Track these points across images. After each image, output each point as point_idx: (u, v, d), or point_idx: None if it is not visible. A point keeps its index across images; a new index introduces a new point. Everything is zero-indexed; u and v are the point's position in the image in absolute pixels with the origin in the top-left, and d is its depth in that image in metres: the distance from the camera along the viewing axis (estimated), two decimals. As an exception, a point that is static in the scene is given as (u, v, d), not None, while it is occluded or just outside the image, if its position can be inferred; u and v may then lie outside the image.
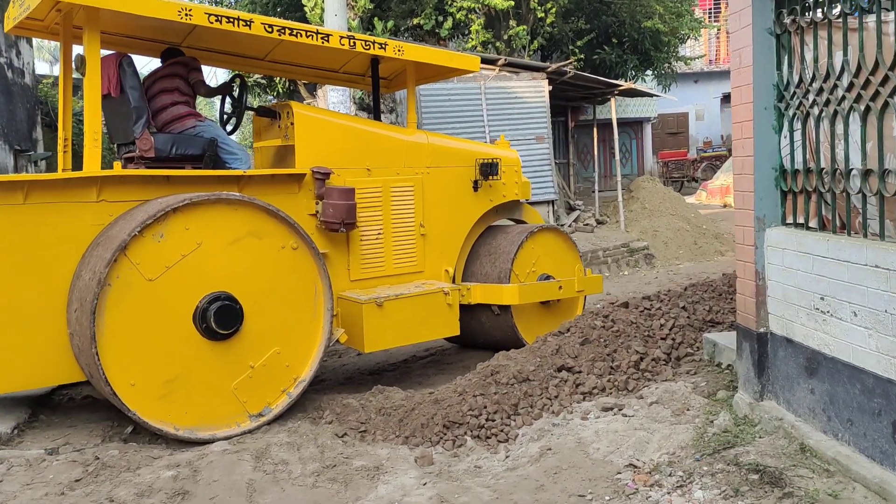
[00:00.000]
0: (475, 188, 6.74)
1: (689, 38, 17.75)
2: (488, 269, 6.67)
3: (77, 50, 5.64)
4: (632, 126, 24.66)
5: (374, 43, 5.96)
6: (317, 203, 5.70)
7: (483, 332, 6.83)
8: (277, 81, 14.44)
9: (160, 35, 6.06)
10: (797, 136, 3.64)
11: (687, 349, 5.61)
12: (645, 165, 25.23)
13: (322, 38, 5.68)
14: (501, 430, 4.61)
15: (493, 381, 5.00)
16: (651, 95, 15.24)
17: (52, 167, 12.67)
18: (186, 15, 4.98)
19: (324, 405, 5.18)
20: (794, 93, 3.61)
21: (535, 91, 12.31)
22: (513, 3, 12.31)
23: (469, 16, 12.40)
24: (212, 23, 5.09)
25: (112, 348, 4.46)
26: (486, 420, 4.68)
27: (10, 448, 4.47)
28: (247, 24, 5.24)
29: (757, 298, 3.87)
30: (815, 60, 3.44)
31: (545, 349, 5.37)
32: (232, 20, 5.18)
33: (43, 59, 36.71)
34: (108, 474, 4.09)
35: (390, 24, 10.44)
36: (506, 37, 12.97)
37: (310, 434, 4.69)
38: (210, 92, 6.21)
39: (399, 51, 6.12)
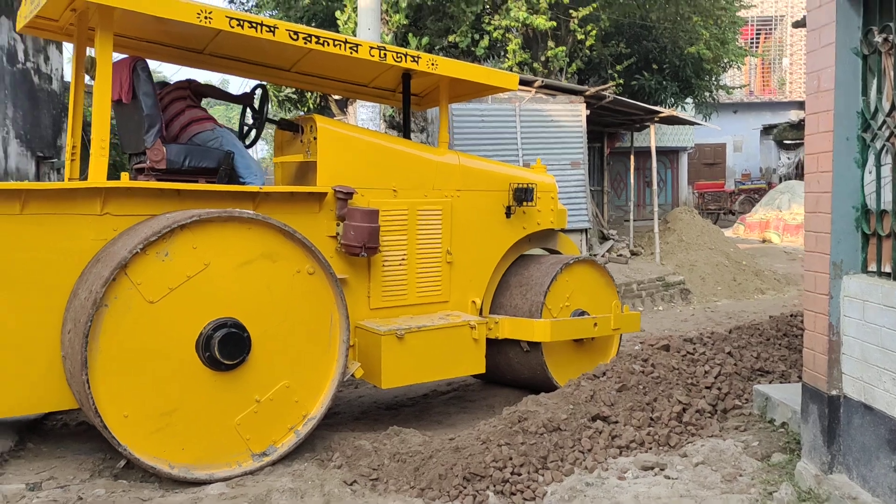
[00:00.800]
0: (508, 214, 6.26)
1: (731, 66, 17.25)
2: (518, 301, 6.18)
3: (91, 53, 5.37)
4: (667, 155, 24.12)
5: (406, 55, 5.55)
6: (338, 224, 5.27)
7: (510, 369, 6.36)
8: (308, 96, 14.19)
9: (182, 41, 5.72)
10: (885, 171, 3.16)
11: (734, 401, 5.11)
12: (680, 196, 24.65)
13: (351, 47, 5.26)
14: (528, 487, 4.13)
15: (520, 429, 4.53)
16: (693, 123, 14.75)
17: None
18: (206, 18, 4.60)
19: (334, 445, 4.74)
20: (884, 122, 3.14)
21: (571, 115, 11.89)
22: (554, 23, 11.92)
23: (506, 35, 12.03)
24: (233, 27, 4.70)
25: (105, 375, 4.05)
26: (512, 474, 4.20)
27: (-11, 481, 4.08)
28: (270, 31, 4.85)
29: (829, 356, 3.37)
30: (912, 85, 2.97)
31: (578, 395, 4.89)
32: (255, 25, 4.80)
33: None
34: (89, 518, 3.69)
35: (425, 40, 10.11)
36: (543, 58, 12.59)
37: (316, 479, 4.24)
38: (221, 94, 5.89)
39: (432, 65, 5.70)
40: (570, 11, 12.63)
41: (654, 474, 4.11)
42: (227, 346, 4.35)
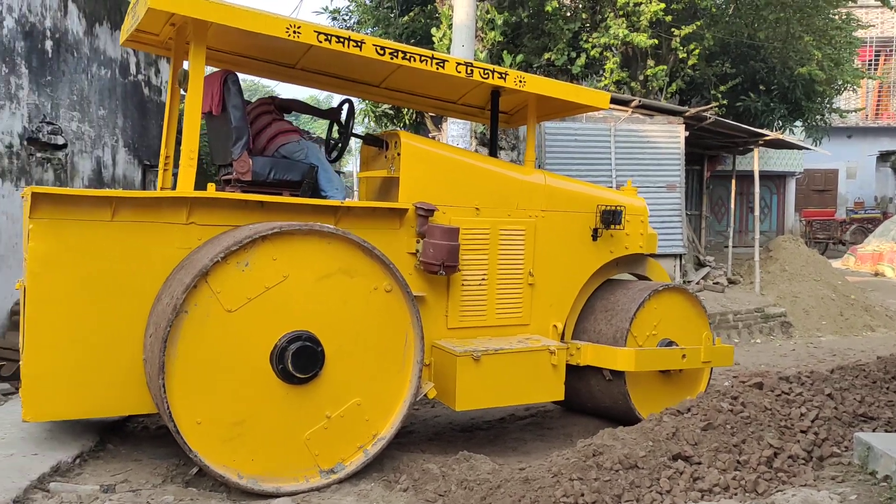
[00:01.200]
0: (594, 237, 6.05)
1: (846, 88, 16.34)
2: (603, 327, 5.95)
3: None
4: (773, 180, 23.08)
5: (493, 72, 5.47)
6: (417, 241, 5.23)
7: (591, 398, 6.13)
8: (404, 112, 14.30)
9: (275, 55, 5.83)
10: None
11: (833, 448, 4.72)
12: (785, 223, 23.52)
13: (437, 63, 5.23)
14: (599, 526, 3.92)
15: (594, 463, 4.31)
16: (800, 148, 14.03)
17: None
18: (295, 32, 4.65)
19: (402, 467, 4.66)
20: None
21: (669, 136, 11.50)
22: (655, 41, 11.60)
23: (604, 53, 11.79)
24: (321, 42, 4.74)
25: (181, 381, 4.12)
26: (583, 511, 3.99)
27: (67, 480, 4.20)
28: (357, 45, 4.87)
29: (940, 409, 3.03)
30: None
31: (659, 431, 4.62)
32: (342, 40, 4.82)
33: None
34: (155, 525, 3.72)
35: (519, 58, 10.02)
36: (642, 77, 12.26)
37: (381, 501, 4.19)
38: (307, 108, 5.96)
39: (520, 82, 5.58)
40: (673, 30, 12.26)
41: (737, 523, 3.82)
42: (300, 359, 4.35)
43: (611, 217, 6.00)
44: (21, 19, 7.55)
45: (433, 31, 10.37)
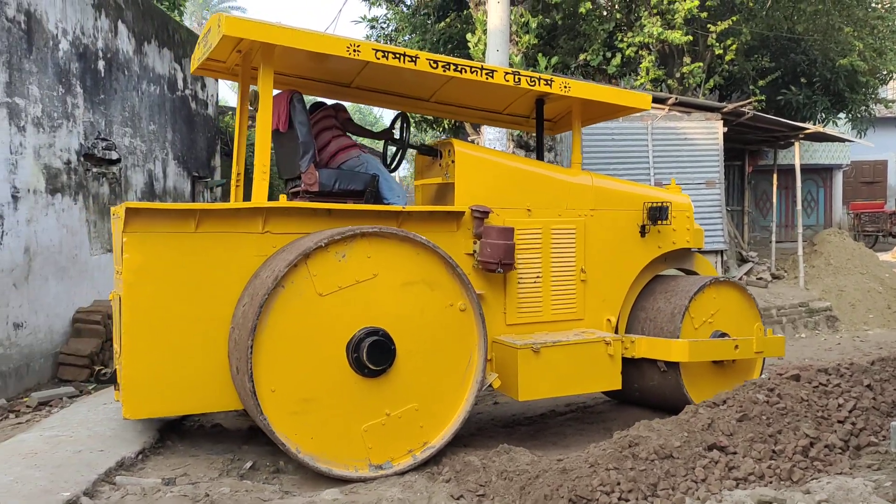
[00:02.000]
0: (642, 233, 6.27)
1: (891, 78, 16.05)
2: (661, 304, 6.16)
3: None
4: (819, 173, 22.74)
5: (539, 79, 5.72)
6: (474, 242, 5.51)
7: (646, 390, 6.29)
8: (444, 118, 14.54)
9: (332, 76, 6.16)
10: None
11: (870, 437, 4.77)
12: (833, 216, 23.14)
13: (486, 73, 5.52)
14: (635, 514, 4.04)
15: (630, 454, 4.43)
16: (842, 140, 13.85)
17: (226, 193, 13.39)
18: (355, 51, 4.96)
19: (444, 459, 4.84)
20: None
21: (707, 132, 11.49)
22: (691, 38, 11.60)
23: (640, 52, 11.82)
24: (378, 58, 5.05)
25: (267, 348, 4.43)
26: (619, 499, 4.12)
27: (131, 474, 4.48)
28: (412, 60, 5.18)
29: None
30: None
31: (695, 423, 4.73)
32: (398, 56, 5.13)
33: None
34: (213, 514, 3.96)
35: (554, 59, 10.13)
36: (678, 74, 12.25)
37: (424, 492, 4.36)
38: (360, 131, 6.22)
39: (565, 87, 5.82)
40: (709, 26, 12.24)
41: (771, 510, 3.91)
42: (375, 352, 4.64)
43: (658, 213, 6.20)
44: (75, 41, 7.95)
45: (468, 36, 10.54)
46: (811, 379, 5.38)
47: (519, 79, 5.61)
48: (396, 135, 6.28)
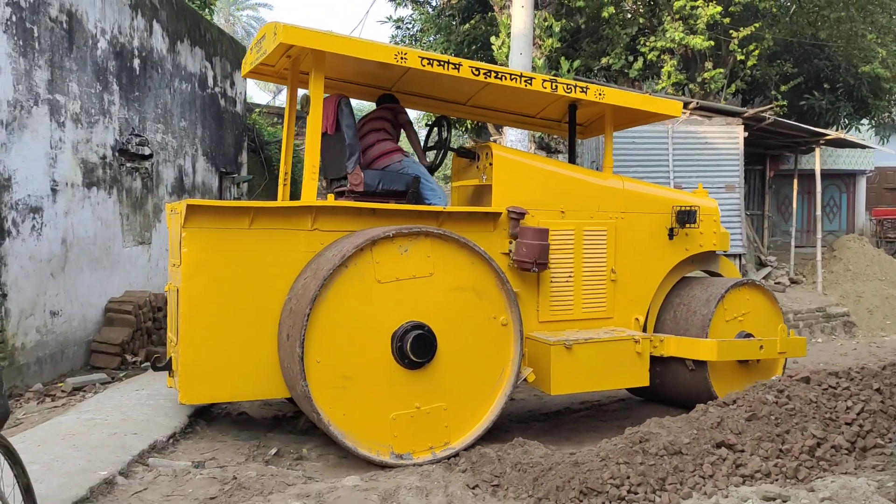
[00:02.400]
0: (670, 236, 6.53)
1: (916, 85, 15.98)
2: (684, 321, 6.37)
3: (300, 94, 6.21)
4: (843, 178, 22.57)
5: (575, 87, 5.98)
6: (510, 242, 5.75)
7: (674, 388, 6.50)
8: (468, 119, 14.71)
9: (374, 80, 6.43)
10: None
11: (877, 439, 4.89)
12: (856, 222, 22.96)
13: (525, 80, 5.77)
14: (643, 506, 4.21)
15: (640, 449, 4.59)
16: (863, 146, 13.85)
17: (252, 189, 13.66)
18: (402, 58, 5.23)
19: (461, 451, 5.03)
20: None
21: (727, 137, 11.58)
22: (712, 42, 11.69)
23: (662, 56, 11.92)
24: (424, 66, 5.31)
25: (320, 320, 4.70)
26: (628, 492, 4.29)
27: (163, 457, 4.71)
28: (455, 67, 5.44)
29: (960, 396, 3.24)
30: None
31: (704, 421, 4.88)
32: (442, 63, 5.40)
33: (268, 90, 40.18)
34: (241, 496, 4.17)
35: (577, 63, 10.26)
36: (700, 79, 12.34)
37: (441, 481, 4.54)
38: (416, 142, 6.42)
39: (600, 94, 6.08)
40: (731, 31, 12.31)
41: (774, 506, 4.05)
42: (417, 345, 4.87)
43: (686, 217, 6.46)
44: (113, 40, 8.22)
45: (492, 39, 10.70)
46: (821, 381, 5.50)
47: (556, 86, 5.86)
48: (433, 135, 6.54)
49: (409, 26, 17.32)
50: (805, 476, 4.44)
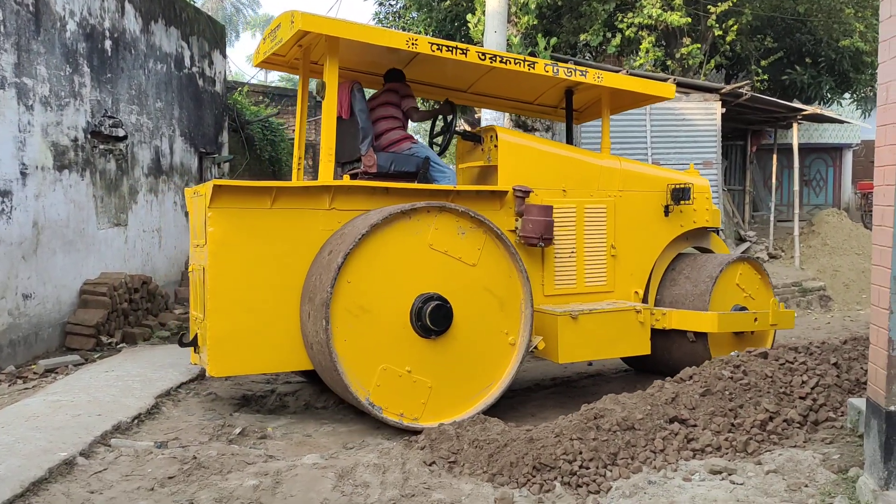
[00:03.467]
0: (666, 213, 6.82)
1: None
2: (685, 295, 6.65)
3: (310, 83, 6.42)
4: (829, 152, 22.58)
5: (574, 70, 6.24)
6: (516, 220, 5.98)
7: (673, 358, 6.74)
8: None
9: (379, 68, 6.55)
10: (948, 186, 3.09)
11: (829, 413, 4.98)
12: (842, 196, 23.03)
13: (528, 65, 5.99)
14: (594, 480, 4.29)
15: (594, 425, 4.68)
16: (840, 121, 13.87)
17: (234, 169, 13.65)
18: (413, 44, 5.43)
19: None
20: (947, 136, 3.07)
21: (705, 113, 11.60)
22: (689, 19, 11.66)
23: (640, 33, 11.90)
24: (434, 51, 5.51)
25: (355, 270, 4.97)
26: (580, 467, 4.38)
27: (126, 437, 4.78)
28: (463, 53, 5.64)
29: (889, 371, 3.33)
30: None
31: (659, 396, 4.97)
32: (451, 49, 5.59)
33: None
34: (200, 475, 4.25)
35: (554, 40, 10.24)
36: (678, 55, 12.32)
37: (399, 458, 4.62)
38: (423, 116, 6.59)
39: (598, 77, 6.35)
40: (709, 7, 12.28)
41: (721, 479, 4.15)
42: (436, 315, 5.15)
43: (681, 194, 6.75)
44: (82, 22, 8.19)
45: (469, 17, 10.68)
46: (778, 357, 5.58)
47: (557, 70, 6.10)
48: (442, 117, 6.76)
49: (392, 3, 17.22)
50: (754, 449, 4.53)
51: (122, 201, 9.10)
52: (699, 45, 12.22)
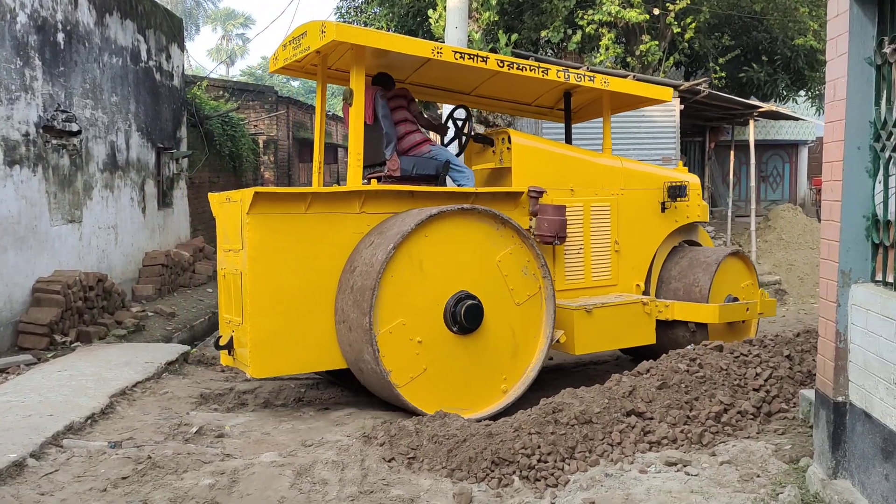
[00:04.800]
0: (662, 209, 7.18)
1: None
2: (686, 288, 6.99)
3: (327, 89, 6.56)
4: (786, 149, 23.04)
5: (584, 76, 6.60)
6: (530, 219, 6.21)
7: (674, 348, 6.85)
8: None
9: (394, 73, 6.59)
10: (893, 181, 3.16)
11: (781, 404, 5.08)
12: (798, 192, 23.51)
13: (542, 71, 6.27)
14: (552, 474, 4.34)
15: (552, 419, 4.72)
16: (794, 119, 14.13)
17: (193, 164, 13.46)
18: (438, 52, 5.64)
19: (382, 425, 5.10)
20: (891, 132, 3.14)
21: (664, 110, 11.72)
22: (647, 16, 11.78)
23: (600, 29, 11.98)
24: (457, 59, 5.76)
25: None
26: (539, 461, 4.42)
27: (79, 437, 4.69)
28: (483, 60, 5.93)
29: (836, 363, 3.40)
30: (914, 97, 2.97)
31: (616, 390, 5.02)
32: (472, 56, 5.88)
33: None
34: (154, 475, 4.19)
35: (515, 37, 10.27)
36: (638, 52, 12.44)
37: (358, 455, 4.60)
38: (428, 125, 6.72)
39: (605, 82, 6.69)
40: (668, 5, 12.41)
41: (676, 470, 4.20)
42: (470, 313, 5.42)
43: (677, 191, 7.13)
44: (33, 14, 8.00)
45: (430, 12, 10.65)
46: (733, 350, 5.68)
47: (568, 76, 6.42)
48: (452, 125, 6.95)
49: (353, -2, 17.11)
50: (709, 441, 4.60)
51: (76, 197, 8.92)
52: (658, 43, 12.34)
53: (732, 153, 13.74)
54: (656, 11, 12.40)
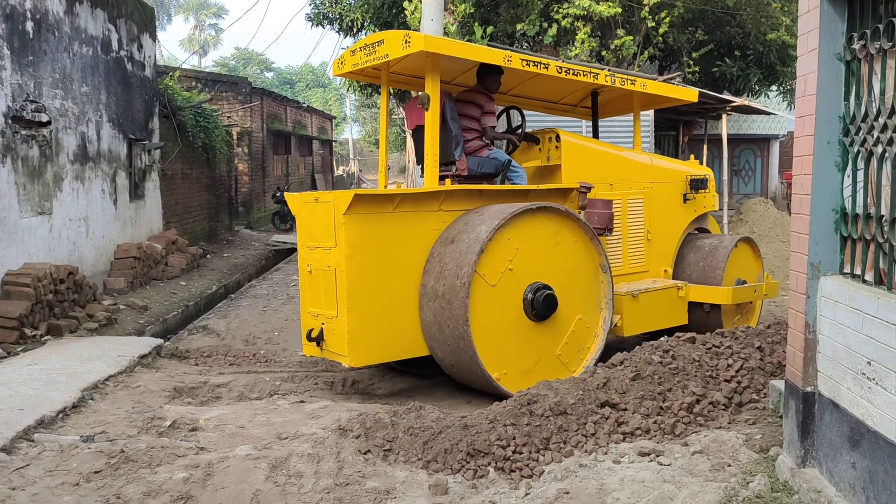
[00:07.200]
0: (685, 200, 7.80)
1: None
2: (702, 272, 7.54)
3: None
4: (758, 143, 23.30)
5: (626, 79, 7.01)
6: (579, 213, 6.48)
7: (693, 329, 7.22)
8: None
9: (444, 76, 6.65)
10: (861, 175, 3.22)
11: (752, 395, 5.15)
12: (769, 185, 23.81)
13: (594, 76, 6.72)
14: (527, 465, 4.37)
15: (527, 410, 4.75)
16: (766, 113, 14.30)
17: (165, 156, 13.31)
18: (508, 60, 5.95)
19: (358, 417, 5.09)
20: (860, 127, 3.19)
21: (638, 104, 11.79)
22: (620, 10, 11.84)
23: (575, 23, 12.03)
24: (524, 66, 6.11)
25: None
26: (513, 452, 4.44)
27: (51, 432, 4.64)
28: (545, 67, 6.29)
29: (805, 353, 3.46)
30: (882, 92, 3.02)
31: (591, 382, 5.06)
32: (536, 63, 6.27)
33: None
34: (127, 469, 4.16)
35: (490, 29, 10.27)
36: (613, 46, 12.50)
37: (334, 447, 4.60)
38: (495, 137, 6.87)
39: (643, 85, 7.15)
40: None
41: (649, 460, 4.25)
42: (545, 302, 5.89)
43: (699, 184, 7.81)
44: (1, 2, 7.85)
45: (406, 4, 10.62)
46: (706, 341, 5.76)
47: (615, 79, 6.86)
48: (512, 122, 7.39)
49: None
50: (681, 431, 4.66)
51: (46, 189, 8.79)
52: (632, 37, 12.41)
53: (706, 147, 13.87)
54: (631, 5, 12.46)
